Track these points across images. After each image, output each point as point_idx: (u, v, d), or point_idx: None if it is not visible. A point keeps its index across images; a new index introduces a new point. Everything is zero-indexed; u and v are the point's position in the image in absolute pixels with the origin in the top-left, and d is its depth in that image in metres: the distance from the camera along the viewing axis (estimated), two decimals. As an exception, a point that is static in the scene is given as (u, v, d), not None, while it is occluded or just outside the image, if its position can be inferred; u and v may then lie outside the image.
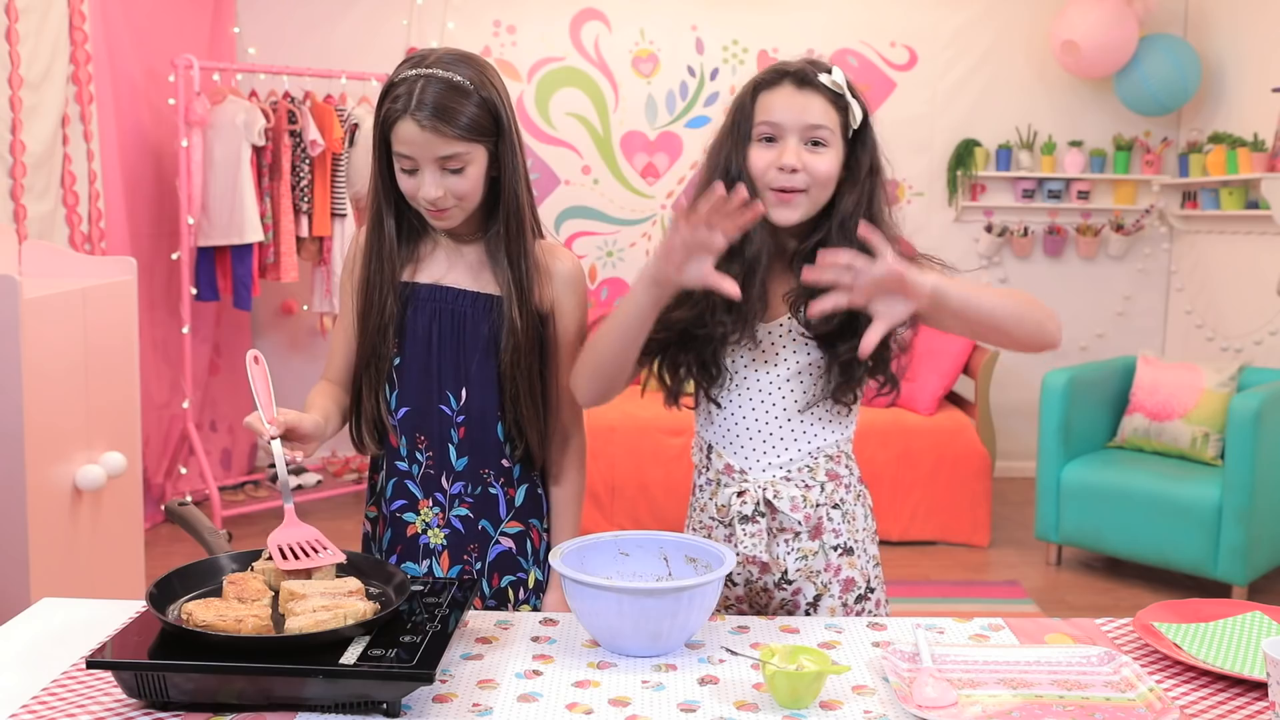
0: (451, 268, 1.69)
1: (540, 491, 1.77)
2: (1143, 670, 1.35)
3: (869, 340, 1.42)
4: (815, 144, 1.56)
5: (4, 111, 3.37)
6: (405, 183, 1.60)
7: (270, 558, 1.43)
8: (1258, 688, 1.32)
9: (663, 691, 1.30)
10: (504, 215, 1.65)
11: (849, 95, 1.57)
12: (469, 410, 1.67)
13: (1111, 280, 5.64)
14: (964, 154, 5.48)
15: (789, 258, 1.63)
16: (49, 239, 3.60)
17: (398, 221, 1.67)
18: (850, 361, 1.57)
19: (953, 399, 5.11)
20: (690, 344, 1.62)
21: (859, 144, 1.60)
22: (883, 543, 4.54)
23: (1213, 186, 5.06)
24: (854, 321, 1.54)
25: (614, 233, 5.57)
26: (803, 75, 1.56)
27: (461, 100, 1.55)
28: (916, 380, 4.82)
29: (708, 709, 1.26)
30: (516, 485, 1.73)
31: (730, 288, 1.44)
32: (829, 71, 1.57)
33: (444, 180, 1.57)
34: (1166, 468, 4.12)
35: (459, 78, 1.56)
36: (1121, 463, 4.21)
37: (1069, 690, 1.31)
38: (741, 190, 1.41)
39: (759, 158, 1.57)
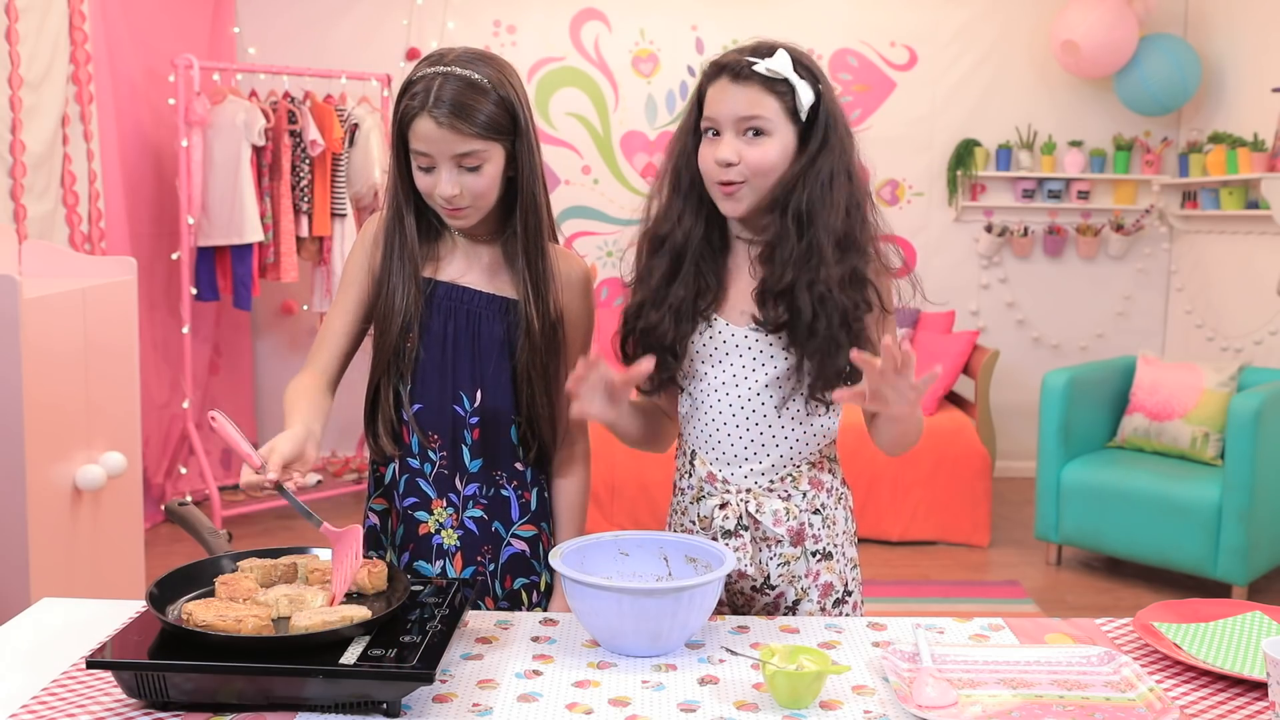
0: (469, 268, 1.68)
1: (548, 495, 1.76)
2: (1143, 670, 1.35)
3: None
4: (756, 133, 1.53)
5: (4, 111, 3.37)
6: (422, 180, 1.59)
7: (259, 555, 1.43)
8: (1258, 688, 1.32)
9: (663, 691, 1.30)
10: (521, 215, 1.65)
11: (795, 77, 1.52)
12: (483, 412, 1.66)
13: (1111, 280, 5.63)
14: (964, 154, 5.48)
15: (747, 257, 1.62)
16: (49, 239, 3.60)
17: (417, 220, 1.66)
18: (824, 359, 1.55)
19: (953, 399, 5.11)
20: (645, 336, 1.62)
21: (812, 124, 1.55)
22: (883, 543, 4.64)
23: (1213, 186, 5.06)
24: (823, 322, 1.54)
25: (614, 233, 5.57)
26: (737, 68, 1.53)
27: (479, 98, 1.55)
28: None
29: (708, 709, 1.26)
30: (530, 488, 1.72)
31: (644, 366, 1.52)
32: (771, 55, 1.53)
33: (460, 178, 1.57)
34: (1166, 468, 4.12)
35: (477, 76, 1.56)
36: (1121, 463, 4.21)
37: (1069, 690, 1.31)
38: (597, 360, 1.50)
39: (705, 154, 1.57)
